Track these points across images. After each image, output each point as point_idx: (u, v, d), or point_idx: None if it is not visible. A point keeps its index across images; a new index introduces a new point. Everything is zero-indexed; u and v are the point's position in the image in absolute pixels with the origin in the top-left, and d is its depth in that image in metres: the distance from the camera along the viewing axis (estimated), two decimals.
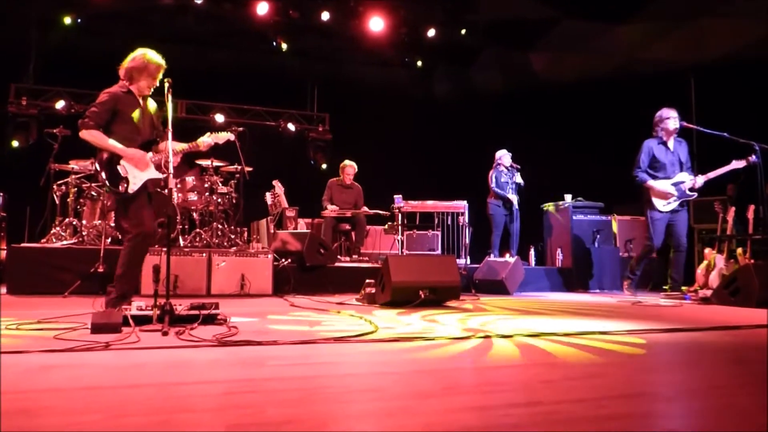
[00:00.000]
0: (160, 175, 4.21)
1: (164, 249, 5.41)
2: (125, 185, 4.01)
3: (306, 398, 1.95)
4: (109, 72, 4.24)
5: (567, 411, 1.82)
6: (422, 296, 5.03)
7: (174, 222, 6.73)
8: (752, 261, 6.38)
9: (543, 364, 2.58)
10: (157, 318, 3.31)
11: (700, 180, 6.30)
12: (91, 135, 3.96)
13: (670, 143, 6.46)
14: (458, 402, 1.92)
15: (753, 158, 6.04)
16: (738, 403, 1.96)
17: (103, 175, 3.98)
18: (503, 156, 8.53)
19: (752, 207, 6.70)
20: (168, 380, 2.17)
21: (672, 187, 6.34)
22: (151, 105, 4.33)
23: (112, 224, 6.40)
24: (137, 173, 4.07)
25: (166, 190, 4.01)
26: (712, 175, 6.31)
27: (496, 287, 7.11)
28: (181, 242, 6.82)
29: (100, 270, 5.61)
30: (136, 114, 4.15)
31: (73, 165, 6.93)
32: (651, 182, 6.37)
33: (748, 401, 1.98)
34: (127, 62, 4.15)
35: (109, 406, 1.81)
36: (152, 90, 4.24)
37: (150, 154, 4.15)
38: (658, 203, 6.35)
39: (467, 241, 8.41)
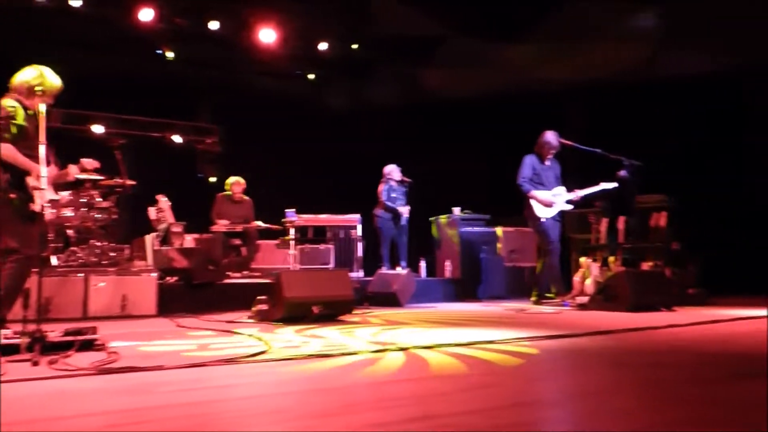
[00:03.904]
0: (56, 196, 3.95)
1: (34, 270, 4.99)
2: (33, 203, 3.73)
3: (200, 425, 1.86)
4: None
5: (461, 423, 1.85)
6: (316, 312, 4.98)
7: (46, 240, 6.23)
8: (623, 268, 6.89)
9: (438, 377, 2.62)
10: (26, 347, 3.02)
11: (581, 194, 6.85)
12: (5, 148, 3.65)
13: (547, 161, 6.95)
14: (358, 420, 1.91)
15: (622, 173, 6.60)
16: (618, 404, 2.08)
17: (15, 188, 3.68)
18: (392, 171, 8.67)
19: (623, 218, 7.26)
20: (40, 415, 1.98)
21: (553, 197, 6.82)
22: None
23: None
24: (40, 192, 3.79)
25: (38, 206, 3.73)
26: (586, 191, 6.87)
27: (389, 300, 7.18)
28: (55, 262, 6.32)
29: None
30: (32, 130, 3.87)
31: None
32: (535, 192, 6.80)
33: (627, 402, 2.11)
34: (27, 77, 3.86)
35: None
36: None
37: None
38: (540, 211, 6.78)
39: (360, 254, 8.45)
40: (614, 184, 6.75)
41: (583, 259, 7.35)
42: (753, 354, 3.15)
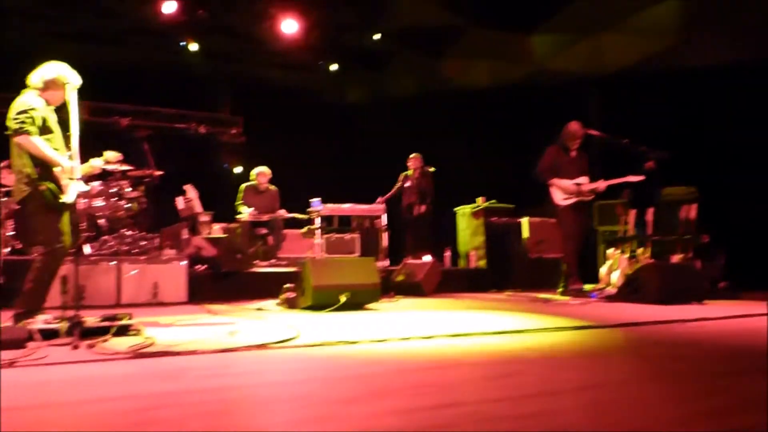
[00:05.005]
0: (86, 188, 4.05)
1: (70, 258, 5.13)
2: (62, 195, 3.84)
3: (228, 410, 1.91)
4: (3, 69, 4.01)
5: (488, 411, 1.88)
6: (343, 299, 5.03)
7: (78, 230, 6.38)
8: (652, 260, 6.81)
9: (464, 364, 2.65)
10: (65, 331, 3.12)
11: (603, 184, 6.74)
12: (29, 142, 3.76)
13: (573, 152, 6.88)
14: (384, 406, 1.94)
15: (650, 164, 6.50)
16: (642, 396, 2.09)
17: (45, 180, 3.79)
18: (413, 159, 8.77)
19: (651, 210, 7.15)
20: (81, 398, 2.06)
21: (573, 186, 6.76)
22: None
23: (10, 233, 6.00)
24: (72, 183, 3.90)
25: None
26: (611, 182, 6.79)
27: (415, 289, 7.21)
28: (87, 250, 6.47)
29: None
30: (53, 124, 3.99)
31: None
32: (555, 179, 6.76)
33: (651, 394, 2.11)
34: (47, 72, 3.96)
35: (19, 428, 1.69)
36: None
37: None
38: (560, 198, 6.73)
39: (385, 243, 8.48)
40: (641, 177, 6.65)
41: (610, 251, 7.28)
42: None
